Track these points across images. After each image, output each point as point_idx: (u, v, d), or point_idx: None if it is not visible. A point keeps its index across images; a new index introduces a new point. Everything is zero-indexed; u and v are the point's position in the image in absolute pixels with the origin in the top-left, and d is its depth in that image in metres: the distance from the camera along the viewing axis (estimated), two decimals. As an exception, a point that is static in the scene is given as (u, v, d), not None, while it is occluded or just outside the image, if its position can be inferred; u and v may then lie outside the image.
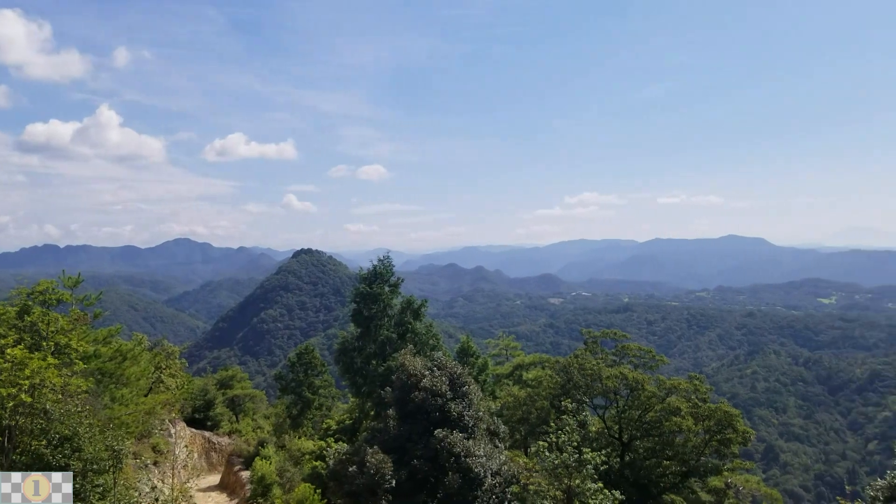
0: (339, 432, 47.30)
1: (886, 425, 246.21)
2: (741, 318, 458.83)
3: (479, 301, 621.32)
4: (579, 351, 45.53)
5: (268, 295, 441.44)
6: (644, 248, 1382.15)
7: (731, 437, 38.17)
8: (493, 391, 52.74)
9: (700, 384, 41.41)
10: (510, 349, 69.95)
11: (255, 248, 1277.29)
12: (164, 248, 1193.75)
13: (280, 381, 58.56)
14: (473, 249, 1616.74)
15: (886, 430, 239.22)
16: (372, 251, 58.26)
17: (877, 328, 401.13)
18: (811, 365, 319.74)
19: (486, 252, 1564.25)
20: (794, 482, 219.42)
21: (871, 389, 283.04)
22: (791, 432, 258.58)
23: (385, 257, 46.68)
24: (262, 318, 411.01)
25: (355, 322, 44.81)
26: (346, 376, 44.07)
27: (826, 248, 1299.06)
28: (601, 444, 39.26)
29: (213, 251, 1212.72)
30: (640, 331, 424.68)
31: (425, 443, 27.52)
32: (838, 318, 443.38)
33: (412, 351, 35.01)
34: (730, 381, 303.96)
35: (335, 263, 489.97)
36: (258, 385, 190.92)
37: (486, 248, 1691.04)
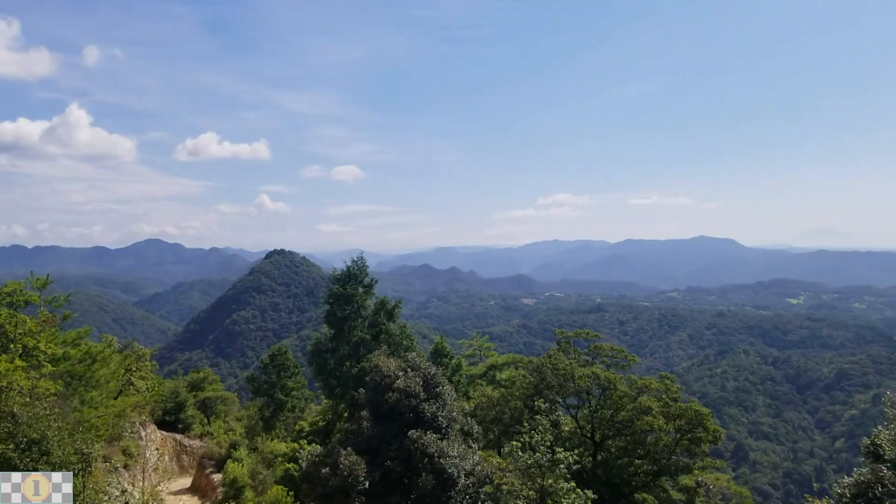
0: (313, 434, 47.09)
1: (853, 423, 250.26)
2: (711, 318, 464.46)
3: (453, 302, 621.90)
4: (552, 351, 45.74)
5: (240, 296, 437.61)
6: (616, 248, 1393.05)
7: (701, 436, 38.60)
8: (467, 392, 52.79)
9: (671, 384, 41.81)
10: (484, 350, 70.11)
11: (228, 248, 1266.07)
12: (135, 249, 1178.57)
13: (252, 382, 58.05)
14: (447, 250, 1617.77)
15: (853, 429, 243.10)
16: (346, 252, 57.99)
17: (843, 328, 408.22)
18: (780, 364, 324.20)
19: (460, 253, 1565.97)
20: (763, 480, 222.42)
21: (838, 388, 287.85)
22: (760, 431, 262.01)
23: (359, 258, 46.52)
24: (235, 320, 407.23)
25: (329, 323, 44.61)
26: (319, 378, 43.84)
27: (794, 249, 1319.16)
28: (574, 444, 39.53)
29: (184, 252, 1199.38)
30: (613, 331, 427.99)
31: (399, 444, 27.56)
32: (806, 318, 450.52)
33: (386, 352, 35.04)
34: (700, 381, 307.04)
35: (308, 264, 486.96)
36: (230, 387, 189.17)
37: (460, 249, 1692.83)
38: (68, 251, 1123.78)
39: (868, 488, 19.46)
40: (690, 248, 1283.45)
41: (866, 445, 20.90)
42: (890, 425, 19.95)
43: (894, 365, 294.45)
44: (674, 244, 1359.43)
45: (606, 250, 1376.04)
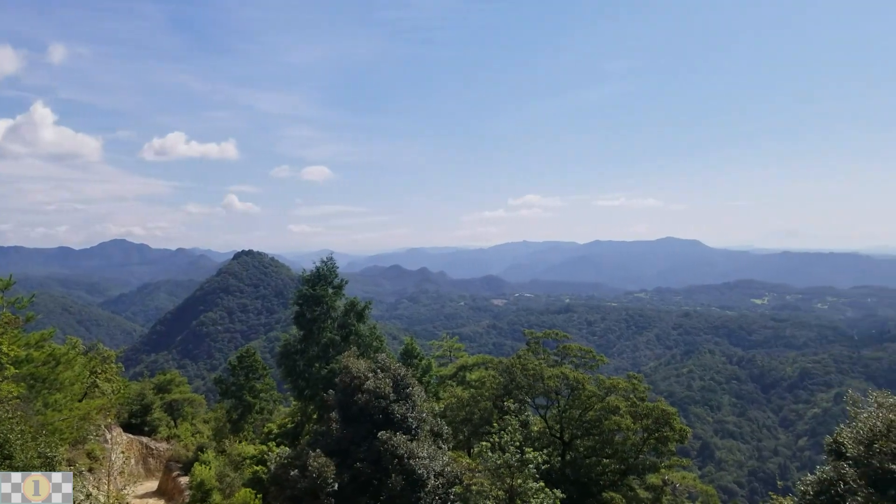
0: (281, 436, 46.82)
1: (816, 422, 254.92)
2: (678, 318, 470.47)
3: (423, 302, 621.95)
4: (522, 351, 45.98)
5: (207, 297, 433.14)
6: (585, 249, 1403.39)
7: (668, 435, 39.07)
8: (437, 392, 52.85)
9: (638, 383, 42.25)
10: (454, 350, 70.17)
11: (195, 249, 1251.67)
12: (100, 250, 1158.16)
13: (220, 384, 57.57)
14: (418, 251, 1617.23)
15: (816, 427, 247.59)
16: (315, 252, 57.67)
17: (807, 328, 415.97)
18: (745, 364, 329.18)
19: (431, 253, 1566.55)
20: (728, 478, 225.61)
21: (801, 387, 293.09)
22: (726, 430, 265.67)
23: (328, 259, 46.36)
24: (202, 321, 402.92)
25: (298, 324, 44.40)
26: (288, 379, 43.62)
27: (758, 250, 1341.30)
28: (543, 444, 39.76)
29: (150, 252, 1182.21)
30: (581, 331, 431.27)
31: (368, 445, 27.50)
32: (770, 319, 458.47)
33: (356, 353, 34.90)
34: (667, 380, 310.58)
35: (277, 265, 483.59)
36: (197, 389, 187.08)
37: (431, 250, 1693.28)
38: (32, 251, 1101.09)
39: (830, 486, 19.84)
40: (657, 249, 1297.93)
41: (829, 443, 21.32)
42: (851, 423, 20.35)
43: (856, 364, 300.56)
44: (641, 245, 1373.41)
45: (575, 251, 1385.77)
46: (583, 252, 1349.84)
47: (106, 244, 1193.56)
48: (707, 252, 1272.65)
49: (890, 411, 19.21)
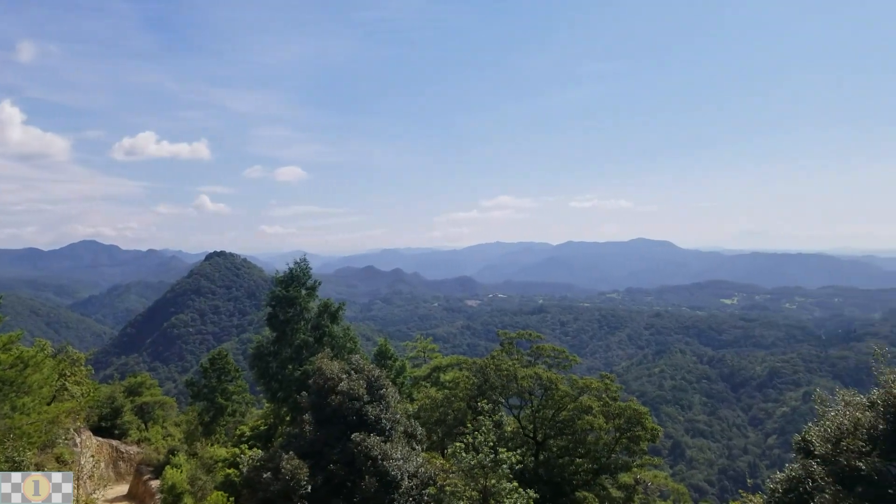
0: (254, 439, 46.52)
1: (784, 420, 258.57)
2: (649, 318, 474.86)
3: (396, 303, 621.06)
4: (495, 352, 46.09)
5: (179, 299, 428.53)
6: (558, 250, 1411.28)
7: (640, 435, 39.44)
8: (411, 393, 52.84)
9: (611, 383, 42.57)
10: (428, 351, 70.16)
11: (166, 250, 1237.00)
12: (70, 251, 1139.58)
13: (192, 387, 57.01)
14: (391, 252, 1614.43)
15: (784, 426, 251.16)
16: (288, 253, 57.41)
17: (775, 327, 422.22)
18: (715, 363, 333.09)
19: (404, 254, 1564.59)
20: (699, 477, 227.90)
21: (770, 386, 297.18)
22: (696, 429, 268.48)
23: (302, 260, 46.12)
24: (173, 323, 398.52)
25: (271, 326, 44.12)
26: (260, 381, 43.32)
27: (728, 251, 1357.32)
28: (516, 444, 39.95)
29: (121, 254, 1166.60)
30: (554, 331, 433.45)
31: (342, 447, 27.45)
32: (740, 318, 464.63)
33: (329, 355, 34.82)
34: (639, 380, 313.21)
35: (250, 266, 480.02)
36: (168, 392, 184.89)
37: (404, 251, 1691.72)
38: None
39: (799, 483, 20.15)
40: (629, 249, 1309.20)
41: (797, 442, 21.65)
42: (819, 422, 20.69)
43: (823, 363, 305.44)
44: (613, 246, 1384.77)
45: (548, 252, 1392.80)
46: (555, 253, 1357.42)
47: (75, 245, 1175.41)
48: (678, 253, 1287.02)
49: (856, 409, 19.57)
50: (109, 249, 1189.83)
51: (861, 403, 19.88)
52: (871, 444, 18.34)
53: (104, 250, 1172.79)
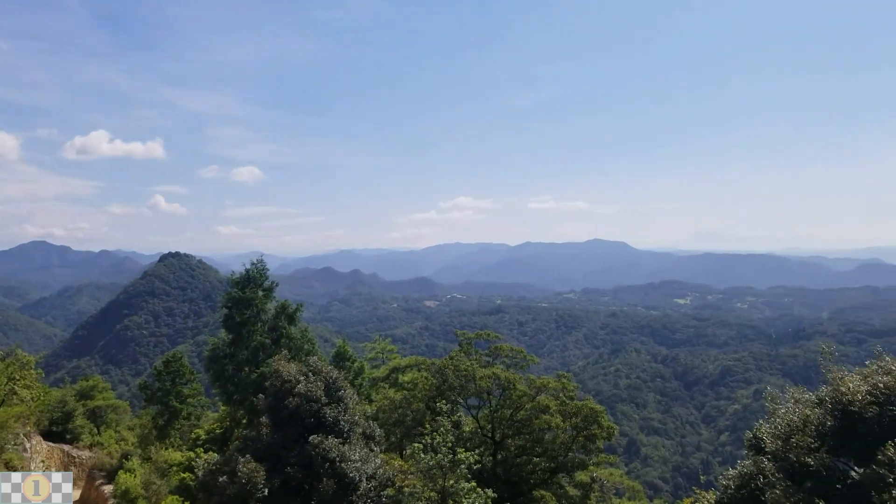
0: (210, 442, 45.89)
1: (736, 418, 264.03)
2: (605, 318, 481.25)
3: (355, 304, 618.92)
4: (454, 352, 46.24)
5: (132, 301, 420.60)
6: (516, 251, 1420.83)
7: (596, 433, 39.93)
8: (370, 395, 52.73)
9: (567, 382, 42.99)
10: (386, 352, 70.01)
11: (119, 251, 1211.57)
12: (19, 252, 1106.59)
13: (145, 390, 56.12)
14: (350, 253, 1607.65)
15: (736, 423, 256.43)
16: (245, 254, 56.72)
17: (727, 326, 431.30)
18: (669, 362, 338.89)
19: (363, 255, 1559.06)
20: (654, 474, 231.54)
21: (722, 384, 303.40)
22: (651, 426, 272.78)
23: (259, 261, 45.64)
24: (126, 325, 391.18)
25: (227, 328, 43.57)
26: (216, 384, 42.74)
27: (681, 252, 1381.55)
28: (475, 444, 40.08)
29: (72, 255, 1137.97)
30: (512, 331, 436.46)
31: (300, 449, 27.26)
32: (693, 318, 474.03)
33: (287, 356, 34.56)
34: (595, 379, 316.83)
35: (205, 267, 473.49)
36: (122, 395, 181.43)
37: (363, 252, 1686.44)
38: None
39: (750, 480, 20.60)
40: (586, 250, 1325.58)
41: (748, 439, 22.14)
42: (770, 419, 21.19)
43: (773, 362, 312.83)
44: (570, 247, 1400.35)
45: (506, 253, 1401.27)
46: (514, 253, 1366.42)
47: (25, 246, 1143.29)
48: (633, 253, 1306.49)
49: (806, 407, 20.10)
50: (60, 250, 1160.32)
51: (810, 401, 20.43)
52: (819, 440, 18.85)
53: (55, 251, 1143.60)
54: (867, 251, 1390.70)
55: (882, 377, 18.82)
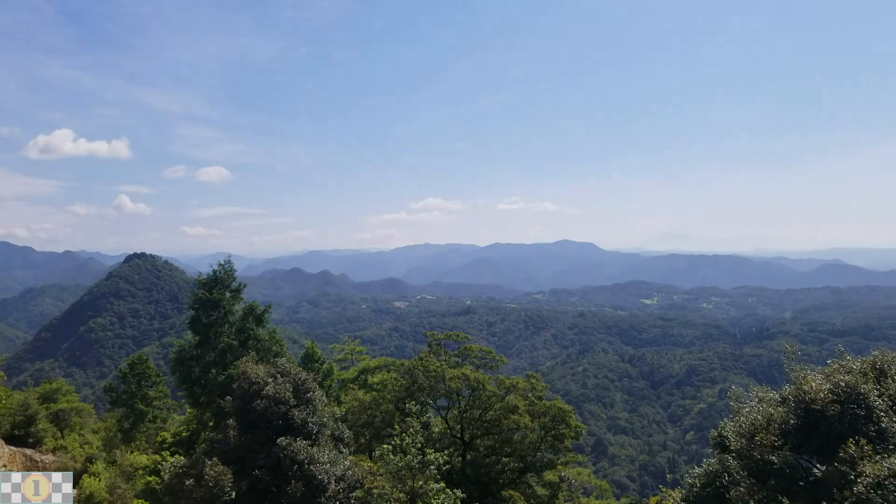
0: (176, 445, 45.45)
1: (701, 416, 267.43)
2: (573, 318, 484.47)
3: (324, 306, 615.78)
4: (423, 353, 46.24)
5: (97, 302, 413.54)
6: (485, 251, 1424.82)
7: (564, 433, 40.21)
8: (339, 396, 52.55)
9: (536, 382, 43.25)
10: (355, 354, 69.90)
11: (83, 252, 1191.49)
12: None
13: (110, 393, 55.37)
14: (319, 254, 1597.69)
15: (701, 421, 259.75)
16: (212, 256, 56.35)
17: (692, 326, 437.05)
18: (636, 362, 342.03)
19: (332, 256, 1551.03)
20: (621, 473, 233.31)
21: (688, 384, 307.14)
22: (618, 426, 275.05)
23: (226, 262, 45.21)
24: (91, 327, 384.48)
25: (193, 329, 43.10)
26: (183, 386, 42.31)
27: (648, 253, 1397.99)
28: (444, 445, 40.16)
29: (34, 255, 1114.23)
30: (482, 332, 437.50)
31: (268, 452, 27.07)
32: (659, 318, 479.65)
33: (254, 358, 34.26)
34: (563, 379, 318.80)
35: (171, 268, 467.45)
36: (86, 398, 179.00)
37: (332, 253, 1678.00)
38: None
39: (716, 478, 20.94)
40: (554, 251, 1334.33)
41: (714, 437, 22.49)
42: (735, 418, 21.54)
43: (738, 361, 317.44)
44: (538, 248, 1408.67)
45: (476, 254, 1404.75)
46: (483, 254, 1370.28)
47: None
48: (600, 254, 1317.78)
49: (769, 405, 20.47)
50: (23, 251, 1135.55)
51: (773, 399, 20.81)
52: (783, 438, 19.20)
53: (17, 252, 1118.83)
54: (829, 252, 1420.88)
55: (843, 376, 19.23)
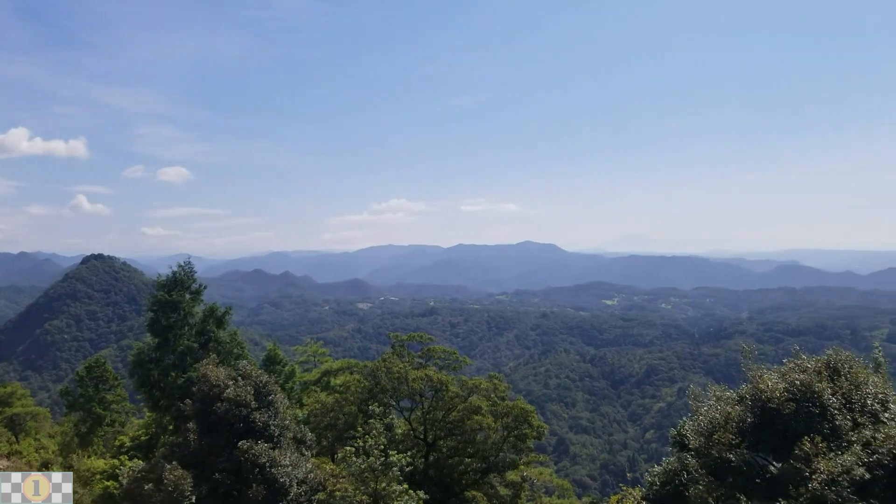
0: (135, 449, 44.77)
1: (661, 415, 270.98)
2: (536, 319, 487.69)
3: (286, 307, 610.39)
4: (386, 354, 46.22)
5: (53, 304, 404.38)
6: (448, 253, 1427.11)
7: (526, 433, 40.53)
8: (301, 398, 52.22)
9: (499, 383, 43.49)
10: (318, 356, 69.49)
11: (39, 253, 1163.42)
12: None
13: (67, 397, 54.39)
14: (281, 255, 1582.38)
15: (661, 420, 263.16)
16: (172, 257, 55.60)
17: (652, 326, 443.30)
18: (597, 361, 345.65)
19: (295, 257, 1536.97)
20: (582, 472, 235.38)
21: (647, 383, 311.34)
22: (580, 425, 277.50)
23: (186, 263, 44.57)
24: (47, 330, 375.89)
25: (152, 332, 42.42)
26: (142, 390, 41.60)
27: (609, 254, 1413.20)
28: (407, 446, 40.15)
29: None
30: (445, 333, 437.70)
31: (228, 455, 26.83)
32: (620, 318, 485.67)
33: (215, 361, 33.89)
34: (526, 379, 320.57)
35: (130, 270, 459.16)
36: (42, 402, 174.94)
37: (295, 254, 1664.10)
38: None
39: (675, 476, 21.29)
40: (517, 252, 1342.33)
41: (673, 436, 22.86)
42: (693, 416, 21.90)
43: (696, 360, 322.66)
44: (502, 249, 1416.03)
45: (439, 255, 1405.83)
46: (447, 256, 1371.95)
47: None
48: (563, 255, 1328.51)
49: (727, 404, 20.85)
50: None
51: (731, 398, 21.21)
52: (740, 436, 19.58)
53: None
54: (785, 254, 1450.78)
55: (798, 375, 19.68)
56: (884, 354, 23.31)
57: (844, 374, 20.19)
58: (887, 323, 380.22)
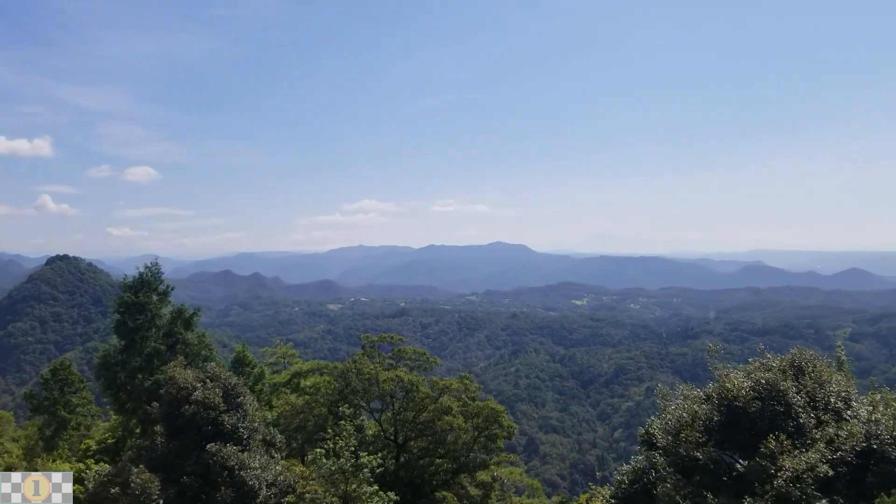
0: (101, 453, 44.18)
1: (629, 414, 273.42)
2: (506, 319, 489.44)
3: (255, 309, 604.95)
4: (357, 356, 46.06)
5: (16, 306, 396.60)
6: (419, 253, 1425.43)
7: (497, 433, 40.71)
8: (270, 400, 51.86)
9: (470, 383, 43.63)
10: (288, 357, 69.05)
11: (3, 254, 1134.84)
12: None
13: (31, 400, 53.44)
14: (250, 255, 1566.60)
15: (629, 419, 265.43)
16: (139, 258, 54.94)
17: (621, 326, 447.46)
18: (566, 361, 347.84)
19: (264, 258, 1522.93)
20: (552, 471, 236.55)
21: (616, 382, 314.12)
22: (550, 425, 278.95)
23: (153, 264, 44.11)
24: (10, 332, 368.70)
25: (119, 334, 41.88)
26: (108, 392, 41.07)
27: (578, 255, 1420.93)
28: (378, 447, 40.14)
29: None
30: (416, 334, 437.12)
31: (196, 458, 26.60)
32: (589, 318, 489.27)
33: (183, 363, 33.58)
34: (496, 379, 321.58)
35: (96, 271, 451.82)
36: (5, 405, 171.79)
37: (264, 255, 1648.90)
38: None
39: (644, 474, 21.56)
40: (488, 253, 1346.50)
41: (641, 435, 23.13)
42: (661, 415, 22.18)
43: (664, 360, 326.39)
44: (472, 250, 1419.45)
45: (410, 255, 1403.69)
46: (417, 256, 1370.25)
47: None
48: (532, 256, 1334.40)
49: (694, 403, 21.14)
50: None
51: (698, 397, 21.52)
52: (707, 434, 19.87)
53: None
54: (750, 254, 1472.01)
55: (764, 374, 20.03)
56: (846, 353, 23.85)
57: (809, 373, 20.61)
58: (850, 322, 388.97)
